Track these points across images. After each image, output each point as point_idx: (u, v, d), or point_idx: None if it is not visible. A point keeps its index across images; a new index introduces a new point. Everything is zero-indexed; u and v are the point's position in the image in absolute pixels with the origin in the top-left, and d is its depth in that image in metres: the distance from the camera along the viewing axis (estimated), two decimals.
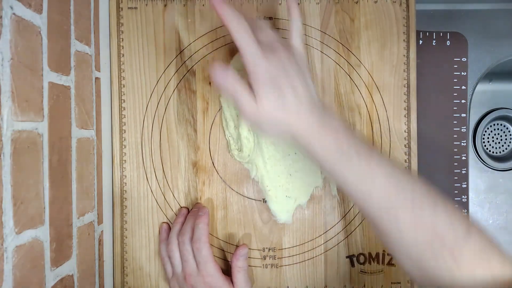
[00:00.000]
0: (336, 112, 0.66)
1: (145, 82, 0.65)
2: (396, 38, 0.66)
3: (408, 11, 0.66)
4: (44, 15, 0.46)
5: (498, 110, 0.83)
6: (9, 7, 0.40)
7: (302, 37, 0.53)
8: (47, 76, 0.46)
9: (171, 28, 0.65)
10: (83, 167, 0.55)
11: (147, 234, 0.66)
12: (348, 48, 0.66)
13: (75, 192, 0.53)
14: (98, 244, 0.60)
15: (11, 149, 0.40)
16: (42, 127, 0.45)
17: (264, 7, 0.66)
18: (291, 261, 0.66)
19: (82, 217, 0.55)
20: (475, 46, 0.73)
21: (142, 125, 0.65)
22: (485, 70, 0.73)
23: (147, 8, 0.65)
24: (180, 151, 0.66)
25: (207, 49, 0.66)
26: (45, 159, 0.46)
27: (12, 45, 0.40)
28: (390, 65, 0.66)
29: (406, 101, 0.66)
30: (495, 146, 0.85)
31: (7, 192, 0.39)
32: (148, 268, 0.66)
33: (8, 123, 0.39)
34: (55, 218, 0.48)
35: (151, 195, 0.66)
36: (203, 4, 0.66)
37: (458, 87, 0.71)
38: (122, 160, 0.65)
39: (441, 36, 0.71)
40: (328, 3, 0.66)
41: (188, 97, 0.66)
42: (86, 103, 0.56)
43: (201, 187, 0.66)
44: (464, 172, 0.71)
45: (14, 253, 0.40)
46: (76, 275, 0.53)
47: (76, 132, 0.53)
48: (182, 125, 0.66)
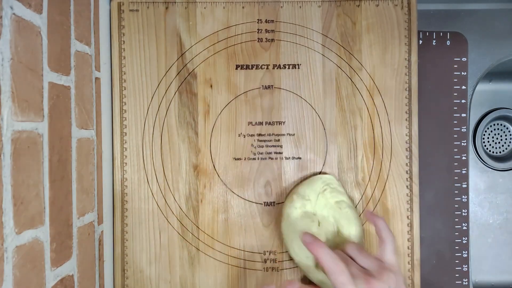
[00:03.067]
0: None
1: (146, 84, 0.65)
2: (398, 42, 0.66)
3: (410, 14, 0.66)
4: (44, 15, 0.46)
5: (498, 110, 0.83)
6: (9, 7, 0.40)
7: (395, 254, 0.56)
8: (47, 76, 0.46)
9: (172, 31, 0.66)
10: (83, 167, 0.55)
11: (148, 237, 0.65)
12: (350, 51, 0.66)
13: (75, 192, 0.53)
14: (98, 244, 0.60)
15: (11, 149, 0.40)
16: (42, 127, 0.45)
17: (265, 10, 0.66)
18: (292, 265, 0.66)
19: (82, 217, 0.55)
20: (475, 46, 0.73)
21: (143, 127, 0.65)
22: (485, 70, 0.73)
23: (149, 10, 0.65)
24: (181, 154, 0.66)
25: (208, 51, 0.66)
26: (45, 159, 0.46)
27: (12, 45, 0.40)
28: (392, 68, 0.66)
29: (408, 105, 0.66)
30: (495, 146, 0.85)
31: (7, 192, 0.39)
32: (148, 271, 0.65)
33: (8, 123, 0.39)
34: (55, 218, 0.47)
35: (151, 198, 0.66)
36: (204, 7, 0.66)
37: (458, 87, 0.71)
38: (123, 163, 0.65)
39: (441, 36, 0.71)
40: (330, 6, 0.66)
41: (189, 100, 0.66)
42: (86, 103, 0.56)
43: (202, 190, 0.66)
44: (464, 172, 0.71)
45: (14, 253, 0.40)
46: (76, 275, 0.53)
47: (76, 132, 0.53)
48: (183, 128, 0.66)
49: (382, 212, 0.66)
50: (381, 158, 0.66)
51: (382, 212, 0.66)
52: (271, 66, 0.66)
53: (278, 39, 0.66)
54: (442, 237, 0.70)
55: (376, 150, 0.66)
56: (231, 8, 0.66)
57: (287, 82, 0.66)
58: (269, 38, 0.66)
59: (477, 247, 0.81)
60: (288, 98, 0.66)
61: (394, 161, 0.66)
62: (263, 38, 0.66)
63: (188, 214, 0.66)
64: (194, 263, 0.66)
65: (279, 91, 0.66)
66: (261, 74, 0.66)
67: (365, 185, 0.66)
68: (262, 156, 0.66)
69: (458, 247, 0.70)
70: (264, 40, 0.66)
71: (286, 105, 0.66)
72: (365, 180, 0.66)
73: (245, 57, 0.66)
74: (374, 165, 0.66)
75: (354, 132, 0.66)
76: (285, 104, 0.66)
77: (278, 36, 0.66)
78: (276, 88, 0.66)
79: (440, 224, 0.70)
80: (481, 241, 0.81)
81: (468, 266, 0.70)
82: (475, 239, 0.81)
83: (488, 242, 0.82)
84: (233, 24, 0.66)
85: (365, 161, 0.66)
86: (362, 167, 0.66)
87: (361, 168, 0.66)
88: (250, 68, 0.66)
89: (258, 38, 0.66)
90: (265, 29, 0.66)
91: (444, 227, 0.70)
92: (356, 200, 0.66)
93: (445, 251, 0.70)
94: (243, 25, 0.66)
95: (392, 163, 0.66)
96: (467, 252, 0.70)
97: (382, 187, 0.66)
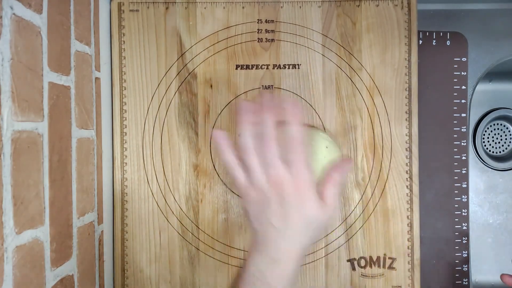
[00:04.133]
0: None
1: (146, 84, 0.65)
2: (398, 42, 0.66)
3: (410, 15, 0.66)
4: (44, 15, 0.46)
5: (498, 110, 0.83)
6: (9, 7, 0.40)
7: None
8: (47, 76, 0.46)
9: (172, 31, 0.66)
10: (83, 167, 0.55)
11: (148, 237, 0.65)
12: (350, 52, 0.66)
13: (75, 192, 0.53)
14: (98, 244, 0.60)
15: (11, 149, 0.40)
16: (42, 127, 0.45)
17: (265, 10, 0.66)
18: None
19: (82, 217, 0.55)
20: (475, 46, 0.73)
21: (143, 127, 0.66)
22: (485, 70, 0.73)
23: (149, 10, 0.65)
24: (181, 154, 0.66)
25: (208, 51, 0.66)
26: (45, 159, 0.46)
27: (12, 45, 0.40)
28: (392, 69, 0.66)
29: (408, 105, 0.66)
30: (495, 146, 0.85)
31: (7, 192, 0.39)
32: (148, 271, 0.66)
33: (8, 123, 0.39)
34: (55, 218, 0.48)
35: (151, 197, 0.66)
36: (204, 7, 0.66)
37: (458, 87, 0.71)
38: (123, 163, 0.65)
39: (441, 36, 0.71)
40: (330, 6, 0.66)
41: (189, 100, 0.66)
42: (86, 103, 0.56)
43: (202, 190, 0.66)
44: (464, 172, 0.71)
45: (14, 253, 0.40)
46: (76, 275, 0.53)
47: (76, 132, 0.53)
48: (183, 128, 0.66)
49: (382, 212, 0.66)
50: (381, 158, 0.66)
51: (382, 212, 0.66)
52: (271, 66, 0.66)
53: (278, 39, 0.66)
54: (442, 237, 0.70)
55: (376, 150, 0.66)
56: (231, 8, 0.66)
57: (287, 82, 0.66)
58: (269, 38, 0.66)
59: (477, 247, 0.81)
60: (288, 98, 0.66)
61: (394, 161, 0.66)
62: (263, 38, 0.66)
63: (188, 214, 0.66)
64: (194, 263, 0.66)
65: (279, 91, 0.66)
66: (261, 74, 0.66)
67: (365, 185, 0.66)
68: None
69: (458, 247, 0.70)
70: (264, 40, 0.66)
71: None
72: (365, 180, 0.66)
73: (245, 57, 0.66)
74: (374, 165, 0.66)
75: (354, 132, 0.66)
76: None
77: (278, 36, 0.66)
78: (276, 88, 0.66)
79: (440, 224, 0.70)
80: (481, 241, 0.81)
81: (468, 266, 0.70)
82: (475, 239, 0.81)
83: (488, 242, 0.82)
84: (233, 24, 0.66)
85: (365, 161, 0.66)
86: (362, 167, 0.66)
87: (361, 168, 0.66)
88: (250, 68, 0.66)
89: (258, 38, 0.66)
90: (265, 29, 0.66)
91: (444, 227, 0.70)
92: (356, 200, 0.66)
93: (445, 251, 0.70)
94: (243, 25, 0.66)
95: (392, 163, 0.66)
96: (467, 252, 0.70)
97: (382, 187, 0.66)
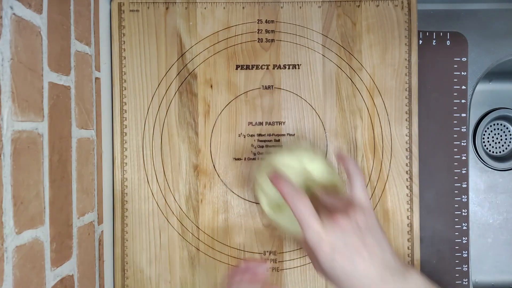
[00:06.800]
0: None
1: (146, 84, 0.65)
2: (398, 42, 0.66)
3: (410, 15, 0.66)
4: (44, 15, 0.46)
5: (498, 110, 0.83)
6: (9, 7, 0.40)
7: (366, 190, 0.52)
8: (47, 76, 0.46)
9: (172, 31, 0.66)
10: (83, 167, 0.55)
11: (148, 237, 0.65)
12: (350, 52, 0.67)
13: (75, 192, 0.53)
14: (98, 244, 0.60)
15: (11, 149, 0.40)
16: (42, 127, 0.45)
17: (265, 10, 0.66)
18: (292, 265, 0.66)
19: (82, 217, 0.55)
20: (475, 46, 0.73)
21: (143, 127, 0.66)
22: (485, 70, 0.73)
23: (149, 11, 0.65)
24: (181, 154, 0.66)
25: (208, 52, 0.66)
26: (45, 159, 0.46)
27: (12, 45, 0.40)
28: (392, 69, 0.66)
29: (408, 105, 0.66)
30: (495, 146, 0.85)
31: (7, 192, 0.39)
32: (148, 271, 0.66)
33: (8, 123, 0.39)
34: (55, 218, 0.47)
35: (152, 198, 0.66)
36: (204, 7, 0.66)
37: (458, 87, 0.71)
38: (123, 163, 0.65)
39: (441, 36, 0.71)
40: (330, 6, 0.66)
41: (189, 100, 0.66)
42: (86, 103, 0.56)
43: (202, 190, 0.66)
44: (464, 172, 0.71)
45: (14, 253, 0.40)
46: (76, 275, 0.53)
47: (76, 132, 0.53)
48: (183, 128, 0.66)
49: (382, 212, 0.66)
50: (381, 158, 0.66)
51: (382, 212, 0.66)
52: (271, 66, 0.66)
53: (278, 39, 0.66)
54: (442, 237, 0.70)
55: (376, 150, 0.66)
56: (231, 9, 0.66)
57: (287, 82, 0.66)
58: (269, 39, 0.66)
59: (477, 247, 0.81)
60: (288, 99, 0.66)
61: (394, 161, 0.66)
62: (263, 39, 0.66)
63: (188, 214, 0.66)
64: (194, 263, 0.66)
65: (279, 91, 0.66)
66: (261, 74, 0.66)
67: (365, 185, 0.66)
68: (262, 157, 0.66)
69: (458, 247, 0.70)
70: (264, 40, 0.66)
71: (286, 106, 0.66)
72: (365, 180, 0.66)
73: (245, 57, 0.66)
74: (374, 165, 0.66)
75: (354, 132, 0.66)
76: (285, 104, 0.66)
77: (278, 37, 0.66)
78: (276, 88, 0.66)
79: (440, 224, 0.70)
80: (481, 241, 0.81)
81: (468, 266, 0.70)
82: (475, 239, 0.81)
83: (488, 242, 0.81)
84: (233, 24, 0.66)
85: (365, 161, 0.66)
86: (362, 167, 0.66)
87: (361, 168, 0.66)
88: (250, 68, 0.66)
89: (258, 39, 0.66)
90: (265, 30, 0.66)
91: (444, 227, 0.70)
92: None
93: (445, 251, 0.70)
94: (243, 26, 0.66)
95: (392, 163, 0.66)
96: (467, 252, 0.70)
97: (382, 187, 0.66)
